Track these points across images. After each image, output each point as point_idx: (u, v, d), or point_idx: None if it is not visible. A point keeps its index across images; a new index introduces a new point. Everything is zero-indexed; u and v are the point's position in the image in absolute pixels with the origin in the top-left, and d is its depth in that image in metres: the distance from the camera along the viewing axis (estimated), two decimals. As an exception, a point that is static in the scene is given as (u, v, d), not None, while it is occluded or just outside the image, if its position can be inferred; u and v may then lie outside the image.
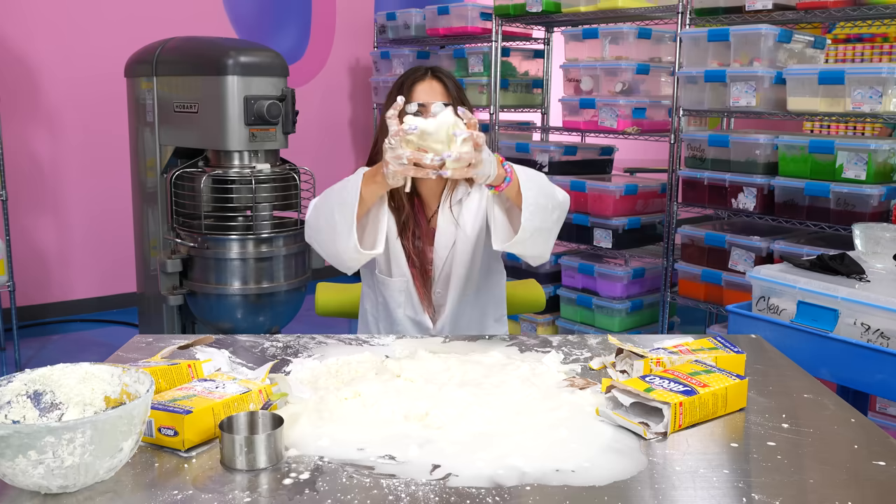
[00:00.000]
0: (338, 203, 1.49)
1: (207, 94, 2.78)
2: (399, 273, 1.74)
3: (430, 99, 1.65)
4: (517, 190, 1.43)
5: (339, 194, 1.51)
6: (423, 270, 1.75)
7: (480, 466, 1.00)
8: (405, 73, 1.71)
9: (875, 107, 2.67)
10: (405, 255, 1.72)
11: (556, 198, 1.53)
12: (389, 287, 1.76)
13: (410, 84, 1.66)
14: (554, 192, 1.53)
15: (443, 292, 1.75)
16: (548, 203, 1.48)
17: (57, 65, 4.10)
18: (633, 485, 0.97)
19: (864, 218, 2.70)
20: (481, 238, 1.72)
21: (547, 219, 1.48)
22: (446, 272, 1.74)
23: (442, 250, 1.73)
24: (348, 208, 1.46)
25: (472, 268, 1.74)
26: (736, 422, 1.17)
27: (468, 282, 1.75)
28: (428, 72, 1.69)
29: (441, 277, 1.75)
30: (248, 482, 0.97)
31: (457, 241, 1.71)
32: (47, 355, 3.68)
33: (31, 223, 4.14)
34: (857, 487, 0.98)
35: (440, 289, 1.76)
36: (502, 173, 1.41)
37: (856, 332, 1.79)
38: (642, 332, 3.56)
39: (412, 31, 4.52)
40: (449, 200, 1.72)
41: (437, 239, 1.73)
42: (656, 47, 3.64)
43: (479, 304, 1.79)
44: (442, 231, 1.72)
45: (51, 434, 0.87)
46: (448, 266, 1.73)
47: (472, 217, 1.71)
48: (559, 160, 3.71)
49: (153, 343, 1.50)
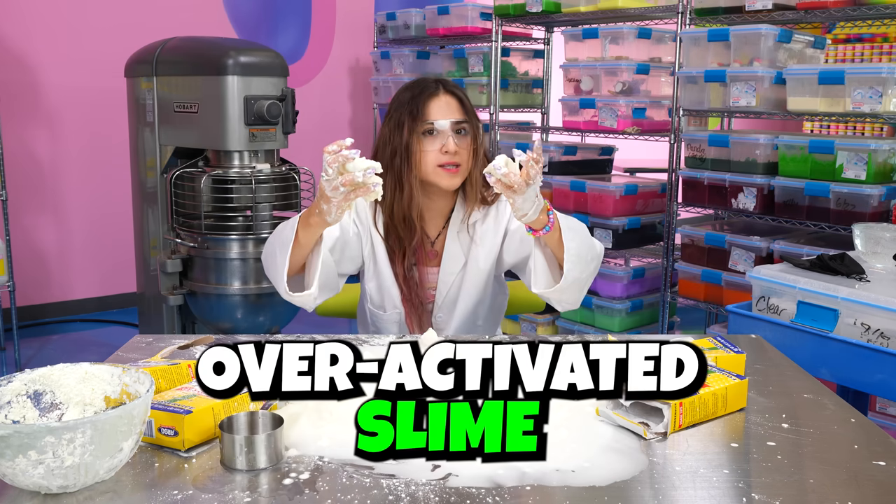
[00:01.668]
0: (278, 244, 1.46)
1: (207, 94, 2.78)
2: (392, 306, 1.68)
3: (447, 116, 1.57)
4: (558, 238, 1.42)
5: (279, 234, 1.47)
6: (421, 298, 1.67)
7: (480, 466, 0.99)
8: (413, 87, 1.61)
9: (875, 107, 2.66)
10: (397, 286, 1.65)
11: (595, 249, 1.52)
12: (383, 320, 1.70)
13: (425, 100, 1.57)
14: (593, 243, 1.52)
15: (446, 318, 1.70)
16: (588, 254, 1.48)
17: (57, 64, 4.09)
18: (633, 485, 0.97)
19: (864, 218, 2.69)
20: (493, 267, 1.68)
21: (585, 270, 1.48)
22: (451, 298, 1.68)
23: (448, 276, 1.66)
24: (282, 251, 1.43)
25: (484, 296, 1.69)
26: (736, 422, 1.17)
27: (477, 308, 1.70)
28: (440, 86, 1.59)
29: (445, 303, 1.69)
30: (248, 482, 0.97)
31: (467, 268, 1.66)
32: (47, 355, 3.68)
33: (31, 223, 4.14)
34: (857, 487, 0.97)
35: (443, 314, 1.69)
36: (544, 220, 1.39)
37: (856, 332, 1.78)
38: (642, 332, 3.55)
39: (412, 31, 4.52)
40: (460, 223, 1.66)
41: (444, 263, 1.66)
42: (656, 47, 3.63)
43: (483, 323, 1.75)
44: (450, 255, 1.66)
45: (51, 434, 0.87)
46: (455, 292, 1.67)
47: (489, 243, 1.65)
48: (559, 160, 3.70)
49: (153, 343, 1.49)
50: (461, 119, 1.58)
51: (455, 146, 1.56)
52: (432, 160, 1.57)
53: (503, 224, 1.66)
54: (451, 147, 1.55)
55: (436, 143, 1.56)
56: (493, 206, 1.67)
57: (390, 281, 1.65)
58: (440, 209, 1.67)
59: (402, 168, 1.57)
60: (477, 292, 1.68)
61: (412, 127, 1.56)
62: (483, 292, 1.69)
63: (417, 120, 1.56)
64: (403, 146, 1.56)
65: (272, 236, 1.53)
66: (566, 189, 3.57)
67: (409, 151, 1.56)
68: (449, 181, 1.58)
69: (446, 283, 1.67)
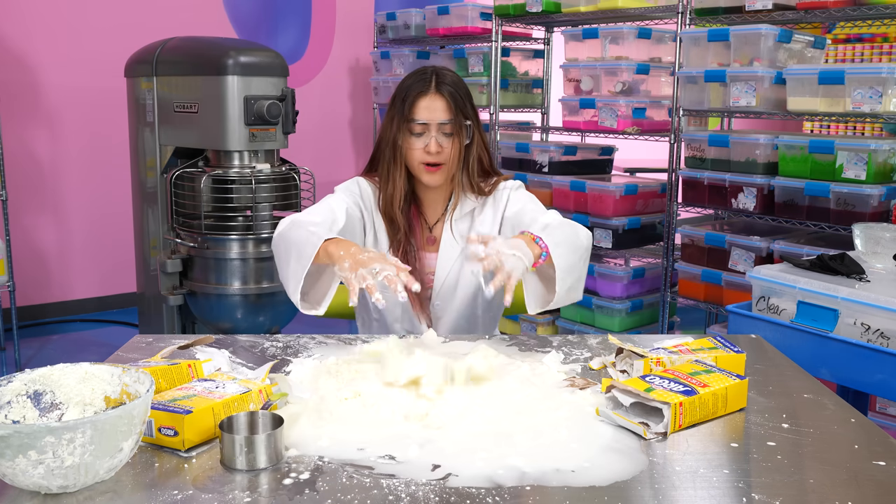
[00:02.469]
0: (295, 254, 1.44)
1: (207, 94, 2.78)
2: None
3: (431, 118, 1.60)
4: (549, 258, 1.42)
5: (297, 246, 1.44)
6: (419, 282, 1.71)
7: (480, 466, 1.00)
8: (410, 79, 1.64)
9: (875, 107, 2.66)
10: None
11: (582, 244, 1.51)
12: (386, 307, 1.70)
13: (413, 98, 1.60)
14: (578, 237, 1.51)
15: (443, 305, 1.71)
16: (576, 256, 1.48)
17: (57, 64, 4.09)
18: (633, 485, 0.97)
19: (864, 218, 2.69)
20: None
21: (576, 269, 1.48)
22: (449, 286, 1.70)
23: (445, 262, 1.69)
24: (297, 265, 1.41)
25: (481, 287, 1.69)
26: (736, 422, 1.17)
27: (474, 300, 1.71)
28: (432, 83, 1.61)
29: (442, 291, 1.70)
30: (248, 482, 0.97)
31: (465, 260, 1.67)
32: (47, 355, 3.67)
33: (31, 223, 4.13)
34: (857, 487, 0.97)
35: (440, 301, 1.71)
36: (537, 251, 1.40)
37: (856, 332, 1.78)
38: (642, 332, 3.55)
39: (412, 31, 4.51)
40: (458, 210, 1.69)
41: (442, 251, 1.69)
42: (656, 47, 3.63)
43: (482, 314, 1.76)
44: (447, 243, 1.69)
45: (51, 434, 0.86)
46: (453, 280, 1.69)
47: (487, 230, 1.67)
48: (559, 160, 3.70)
49: (153, 343, 1.49)
50: (445, 120, 1.60)
51: (437, 146, 1.60)
52: (417, 157, 1.62)
53: (500, 211, 1.70)
54: (432, 148, 1.60)
55: (420, 141, 1.61)
56: (491, 196, 1.71)
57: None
58: (437, 196, 1.71)
59: (391, 161, 1.63)
60: (473, 281, 1.69)
61: (399, 124, 1.61)
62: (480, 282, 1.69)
63: (404, 118, 1.61)
64: (392, 140, 1.62)
65: (290, 231, 1.49)
66: (566, 189, 3.57)
67: (396, 146, 1.62)
68: (430, 178, 1.63)
69: (444, 268, 1.69)
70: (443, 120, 1.60)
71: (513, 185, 1.72)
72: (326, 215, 1.55)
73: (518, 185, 1.73)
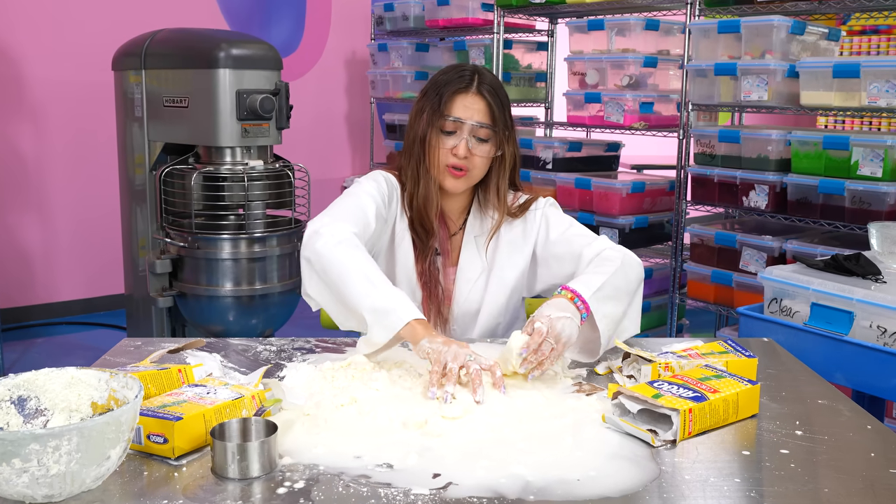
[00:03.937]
0: (347, 301, 1.36)
1: (198, 88, 2.79)
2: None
3: (467, 118, 1.50)
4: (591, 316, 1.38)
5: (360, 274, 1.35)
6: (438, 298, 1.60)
7: (482, 475, 0.99)
8: (447, 74, 1.54)
9: (892, 101, 2.64)
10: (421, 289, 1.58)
11: (632, 287, 1.47)
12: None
13: (452, 93, 1.50)
14: (627, 279, 1.46)
15: (460, 331, 1.62)
16: (623, 304, 1.44)
17: (41, 57, 4.07)
18: (642, 494, 0.96)
19: (881, 217, 2.67)
20: (521, 283, 1.61)
21: (621, 317, 1.45)
22: (469, 310, 1.60)
23: (464, 284, 1.60)
24: (352, 298, 1.34)
25: (506, 313, 1.62)
26: (748, 429, 1.16)
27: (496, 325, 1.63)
28: (473, 82, 1.51)
29: (460, 315, 1.61)
30: (240, 491, 0.96)
31: (490, 283, 1.59)
32: (31, 359, 3.66)
33: (15, 222, 4.10)
34: (874, 497, 0.96)
35: (457, 327, 1.62)
36: (577, 314, 1.36)
37: (871, 336, 1.77)
38: (650, 335, 3.53)
39: (410, 23, 4.49)
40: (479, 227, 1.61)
41: (461, 268, 1.59)
42: (664, 39, 3.61)
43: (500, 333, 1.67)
44: (468, 260, 1.59)
45: (35, 441, 0.87)
46: (473, 304, 1.60)
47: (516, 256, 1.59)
48: (563, 156, 3.68)
49: (142, 347, 1.50)
50: (482, 124, 1.50)
51: (466, 150, 1.50)
52: (443, 158, 1.53)
53: (533, 232, 1.61)
54: (460, 151, 1.50)
55: (450, 141, 1.52)
56: (521, 219, 1.62)
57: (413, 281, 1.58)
58: (456, 205, 1.62)
59: (420, 158, 1.54)
60: (499, 308, 1.61)
61: (431, 119, 1.52)
62: (506, 307, 1.62)
63: (437, 113, 1.51)
64: (421, 136, 1.53)
65: (352, 265, 1.37)
66: (571, 187, 3.55)
67: (425, 143, 1.52)
68: (451, 183, 1.54)
69: (464, 291, 1.61)
70: (479, 122, 1.50)
71: (545, 203, 1.63)
72: (359, 218, 1.46)
73: (551, 202, 1.64)
